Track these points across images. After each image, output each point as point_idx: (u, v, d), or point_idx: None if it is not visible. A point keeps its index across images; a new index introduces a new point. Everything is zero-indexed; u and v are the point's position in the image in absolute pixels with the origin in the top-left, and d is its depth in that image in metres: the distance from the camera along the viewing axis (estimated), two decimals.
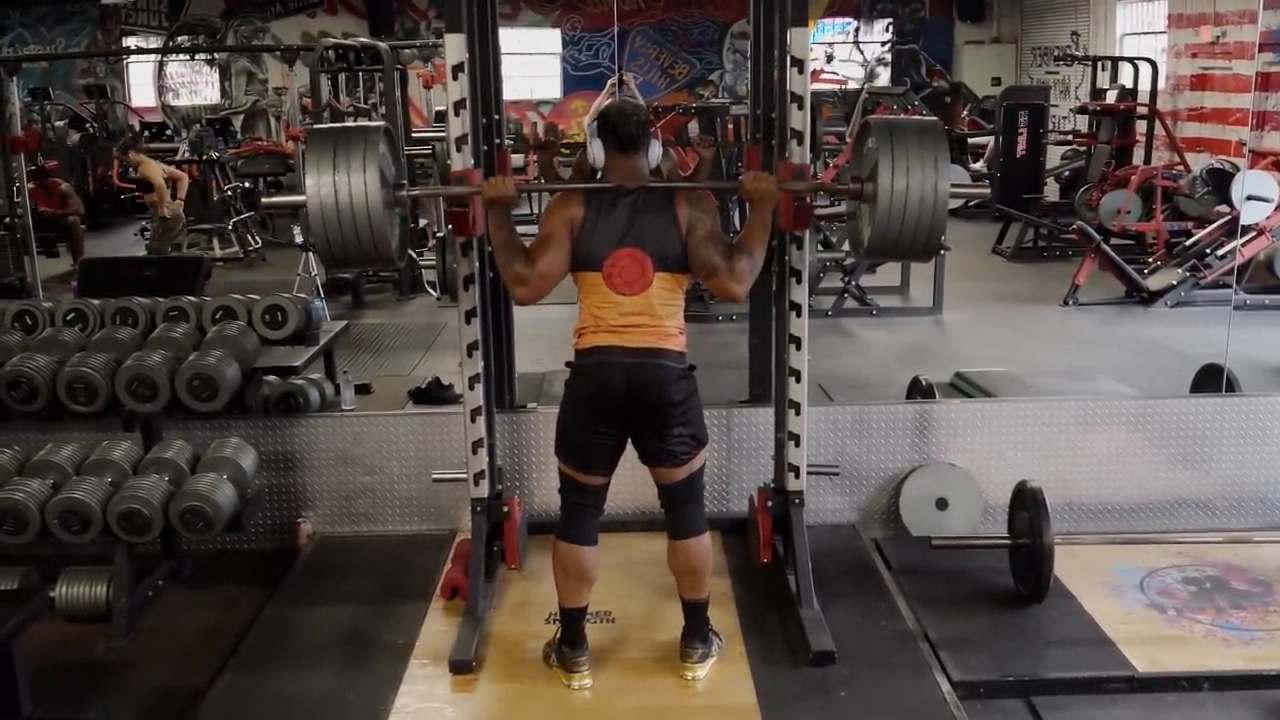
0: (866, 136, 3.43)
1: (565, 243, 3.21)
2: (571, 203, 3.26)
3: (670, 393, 3.18)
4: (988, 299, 9.06)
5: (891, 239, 3.24)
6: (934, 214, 3.18)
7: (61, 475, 3.89)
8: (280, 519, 4.45)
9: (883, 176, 3.19)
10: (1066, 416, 4.51)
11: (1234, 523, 4.47)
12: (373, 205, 3.16)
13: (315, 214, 3.17)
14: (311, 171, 3.17)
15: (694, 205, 3.24)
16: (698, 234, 3.19)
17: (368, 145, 3.19)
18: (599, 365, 3.19)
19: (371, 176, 3.16)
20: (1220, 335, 5.26)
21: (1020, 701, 3.31)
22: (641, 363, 3.16)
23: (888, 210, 3.19)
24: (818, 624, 3.51)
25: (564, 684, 3.29)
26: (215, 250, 10.78)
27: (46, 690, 3.31)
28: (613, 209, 3.21)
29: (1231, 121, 11.80)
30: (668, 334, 3.21)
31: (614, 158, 3.29)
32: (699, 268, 3.20)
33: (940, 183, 3.16)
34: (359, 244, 3.20)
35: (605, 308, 3.20)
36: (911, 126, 3.28)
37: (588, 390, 3.22)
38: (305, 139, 3.41)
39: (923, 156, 3.18)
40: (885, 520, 4.50)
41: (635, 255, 3.18)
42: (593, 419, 3.22)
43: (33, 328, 4.35)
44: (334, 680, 3.38)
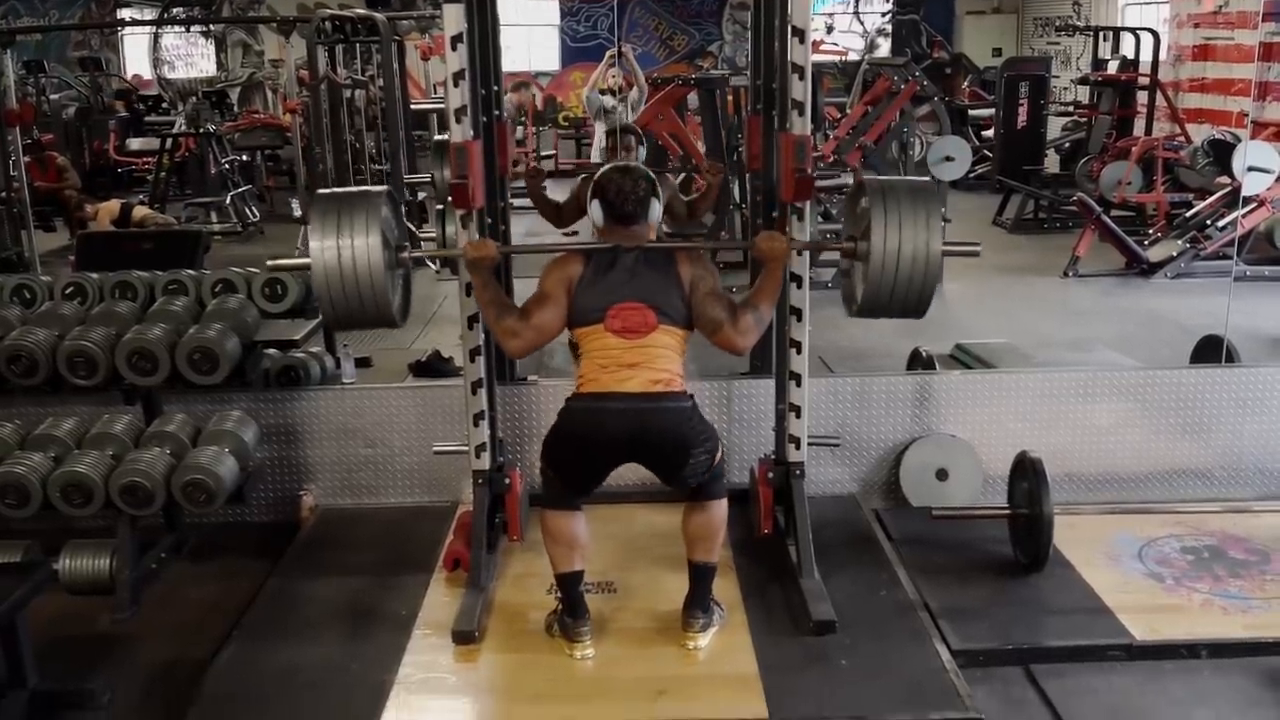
0: (860, 196, 3.45)
1: (562, 300, 3.23)
2: (570, 262, 3.28)
3: (686, 435, 3.18)
4: (988, 270, 9.03)
5: (884, 298, 3.29)
6: (926, 274, 3.23)
7: (63, 449, 3.90)
8: (282, 492, 4.46)
9: (875, 237, 3.22)
10: (1066, 387, 4.52)
11: (1232, 492, 4.49)
12: (375, 268, 3.20)
13: (319, 277, 3.21)
14: (315, 235, 3.21)
15: (695, 264, 3.27)
16: (701, 291, 3.22)
17: (370, 210, 3.23)
18: (595, 411, 3.16)
19: (374, 240, 3.20)
20: (1220, 306, 5.26)
21: (1019, 670, 3.33)
22: (648, 407, 3.14)
23: (880, 269, 3.23)
24: (819, 594, 3.53)
25: (566, 654, 3.31)
26: (213, 224, 10.74)
27: (51, 662, 3.34)
28: (613, 266, 3.24)
29: (1233, 92, 11.74)
30: (672, 377, 3.20)
31: (612, 225, 3.31)
32: (704, 324, 3.23)
33: (932, 242, 3.21)
34: (362, 306, 3.24)
35: (606, 353, 3.18)
36: (904, 187, 3.32)
37: (584, 435, 3.20)
38: (310, 203, 3.46)
39: (915, 217, 3.22)
40: (886, 491, 4.52)
41: (637, 307, 3.19)
42: (589, 459, 3.24)
43: (32, 302, 4.34)
44: (337, 651, 3.40)
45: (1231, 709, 3.13)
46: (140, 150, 12.93)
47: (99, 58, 15.99)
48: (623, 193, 3.26)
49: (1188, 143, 10.42)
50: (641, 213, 3.28)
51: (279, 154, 12.97)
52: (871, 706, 3.05)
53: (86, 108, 13.61)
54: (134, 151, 13.02)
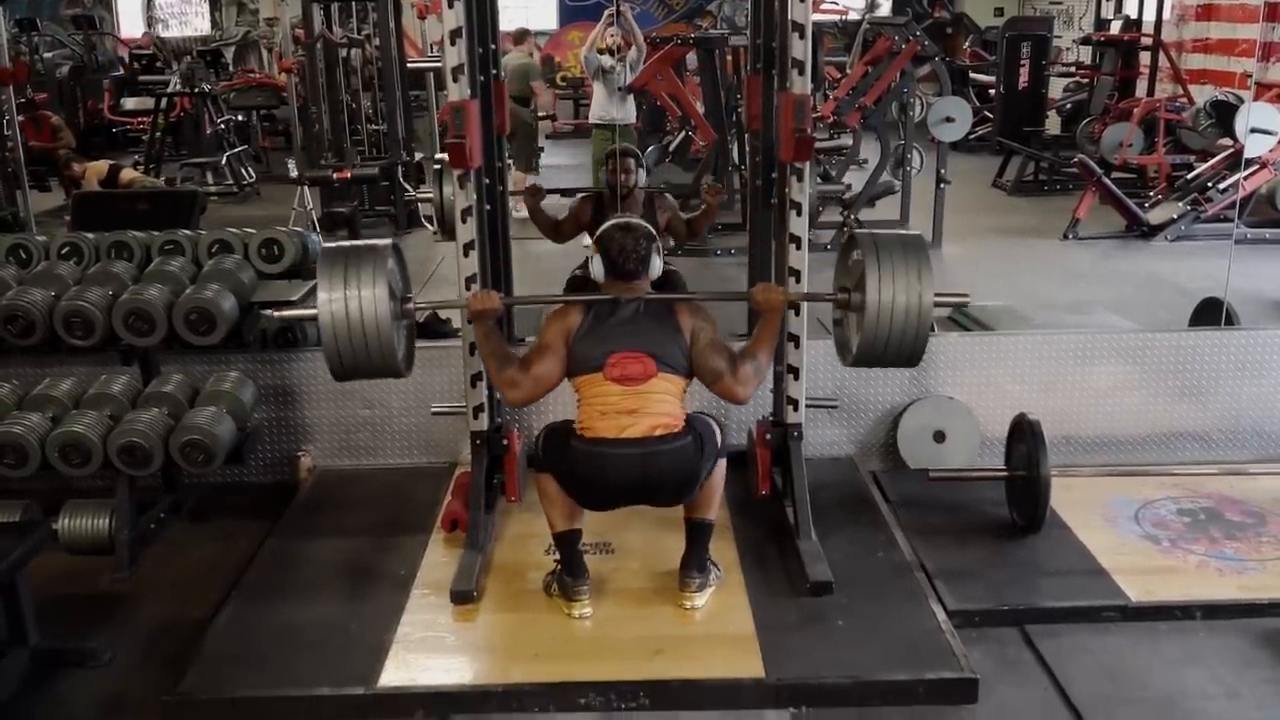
0: (852, 249, 3.49)
1: (561, 350, 3.28)
2: (569, 314, 3.34)
3: (695, 470, 3.25)
4: (987, 233, 9.02)
5: (879, 349, 3.34)
6: (919, 325, 3.29)
7: (61, 409, 3.89)
8: (280, 452, 4.47)
9: (870, 289, 3.27)
10: (1065, 350, 4.52)
11: (1230, 455, 4.50)
12: (382, 320, 3.24)
13: (327, 329, 3.24)
14: (324, 287, 3.25)
15: (695, 315, 3.33)
16: (701, 342, 3.28)
17: (377, 262, 3.26)
18: (601, 458, 3.20)
19: (381, 292, 3.23)
20: (1220, 269, 5.24)
21: (1015, 630, 3.36)
22: (652, 452, 3.19)
23: (875, 321, 3.29)
24: (816, 555, 3.55)
25: (564, 613, 3.33)
26: (209, 184, 10.68)
27: (52, 621, 3.35)
28: (612, 316, 3.29)
29: (1237, 53, 11.66)
30: (673, 420, 3.24)
31: (613, 280, 3.34)
32: (705, 374, 3.29)
33: (925, 296, 3.26)
34: (369, 358, 3.28)
35: (605, 400, 3.23)
36: (895, 241, 3.38)
37: (590, 481, 3.26)
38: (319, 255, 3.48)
39: (907, 269, 3.27)
40: (883, 453, 4.53)
41: (637, 356, 3.24)
42: (598, 500, 3.32)
43: (27, 262, 4.31)
44: (336, 611, 3.42)
45: (1226, 669, 3.15)
46: (135, 110, 12.84)
47: (92, 16, 15.83)
48: (625, 252, 3.31)
49: (1190, 104, 10.36)
50: (643, 270, 3.34)
51: (275, 114, 12.88)
52: (868, 666, 3.07)
53: (80, 66, 13.50)
54: (128, 111, 12.94)
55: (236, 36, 15.63)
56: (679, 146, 10.14)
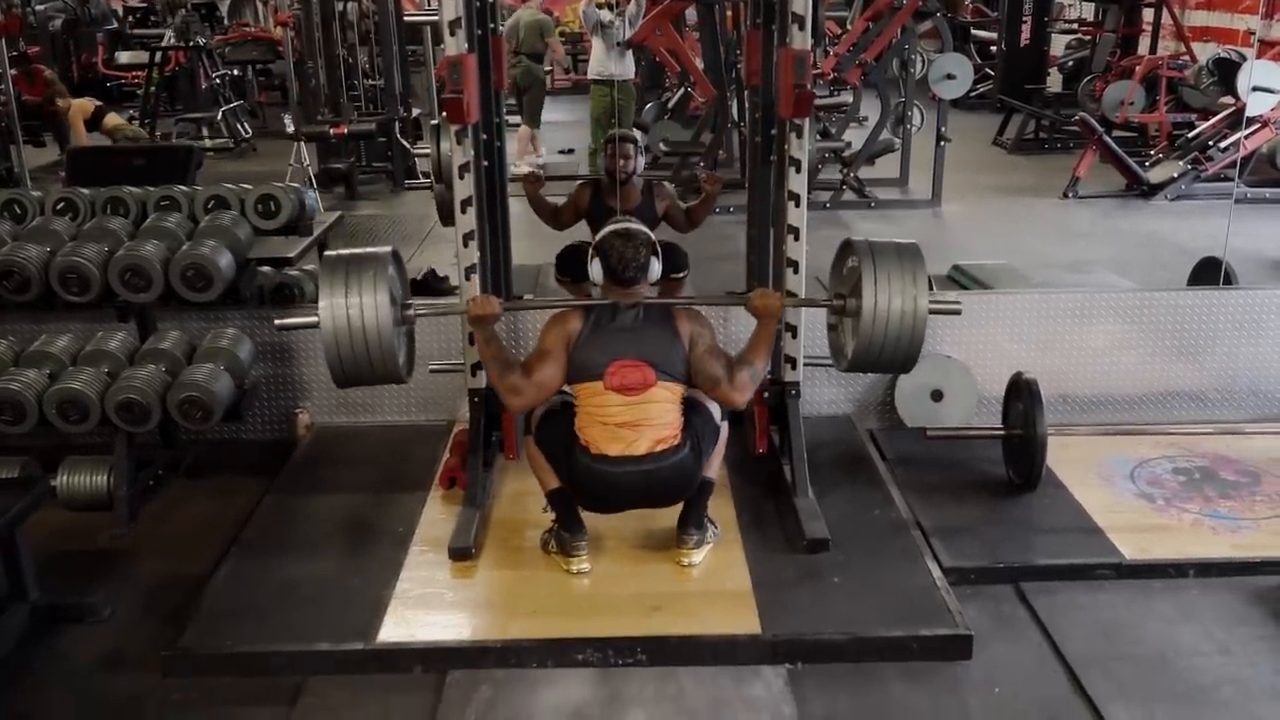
0: (848, 255, 3.49)
1: (562, 357, 3.29)
2: (570, 319, 3.34)
3: (695, 479, 3.32)
4: (987, 191, 8.98)
5: (874, 354, 3.37)
6: (914, 331, 3.31)
7: (58, 366, 3.89)
8: (278, 409, 4.47)
9: (866, 296, 3.28)
10: (1063, 309, 4.52)
11: (1226, 414, 4.52)
12: (383, 327, 3.23)
13: (328, 335, 3.24)
14: (325, 294, 3.24)
15: (693, 321, 3.35)
16: (699, 349, 3.30)
17: (378, 269, 3.25)
18: (605, 475, 3.24)
19: (382, 298, 3.22)
20: (1220, 229, 5.23)
21: (1009, 587, 3.38)
22: (655, 468, 3.24)
23: (870, 327, 3.31)
24: (812, 512, 3.56)
25: (562, 569, 3.35)
26: (205, 140, 10.60)
27: (51, 577, 3.38)
28: (612, 322, 3.30)
29: (1241, 9, 11.53)
30: (673, 432, 3.27)
31: (612, 285, 3.34)
32: (702, 380, 3.31)
33: (920, 303, 3.28)
34: (370, 365, 3.28)
35: (606, 411, 3.25)
36: (891, 248, 3.38)
37: (595, 497, 3.32)
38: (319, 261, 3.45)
39: (903, 275, 3.29)
40: (881, 411, 4.53)
41: (637, 364, 3.25)
42: (601, 508, 3.38)
43: (22, 217, 4.29)
44: (335, 567, 3.43)
45: (1218, 625, 3.17)
46: (129, 64, 12.71)
47: None
48: (624, 260, 3.30)
49: (1193, 62, 10.27)
50: (641, 276, 3.33)
51: (271, 69, 12.76)
52: (863, 623, 3.10)
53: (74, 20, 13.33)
54: (123, 65, 12.80)
55: None
56: (678, 103, 10.06)
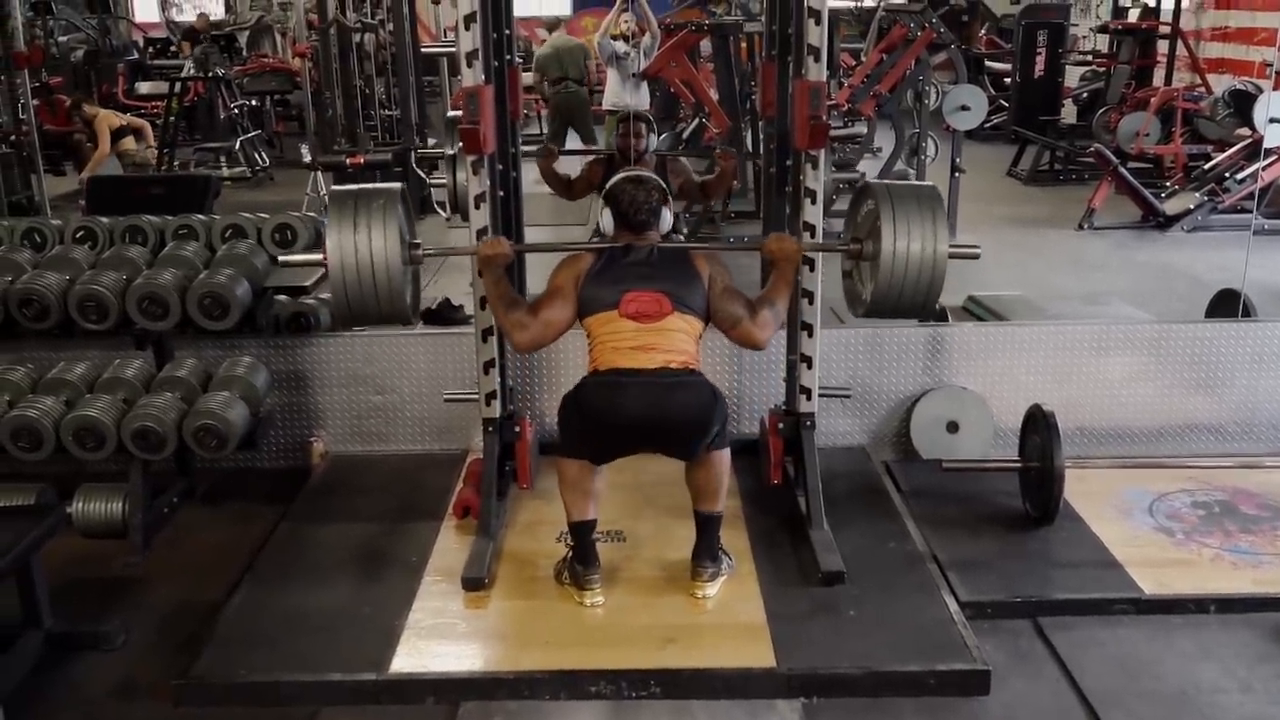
0: (864, 199, 3.47)
1: (571, 295, 3.26)
2: (581, 259, 3.32)
3: (710, 414, 3.21)
4: (1002, 222, 8.97)
5: (893, 299, 3.34)
6: (933, 276, 3.28)
7: (75, 393, 3.90)
8: (293, 438, 4.47)
9: (885, 240, 3.26)
10: (1080, 341, 4.49)
11: (1245, 448, 4.48)
12: (392, 265, 3.20)
13: (335, 273, 3.21)
14: (333, 230, 3.21)
15: (711, 262, 3.33)
16: (719, 287, 3.28)
17: (388, 205, 3.22)
18: (609, 386, 3.17)
19: (391, 237, 3.20)
20: (1237, 260, 5.20)
21: (1027, 622, 3.34)
22: (669, 384, 3.15)
23: (890, 272, 3.28)
24: (827, 544, 3.54)
25: (576, 601, 3.33)
26: (223, 169, 10.69)
27: (65, 604, 3.37)
28: (626, 259, 3.27)
29: (1256, 41, 11.54)
30: (689, 358, 3.21)
31: (623, 232, 3.32)
32: (723, 319, 3.29)
33: (939, 246, 3.26)
34: (377, 304, 3.25)
35: (621, 335, 3.20)
36: (909, 191, 3.36)
37: (602, 412, 3.19)
38: (327, 199, 3.44)
39: (922, 220, 3.26)
40: (896, 443, 4.51)
41: (653, 294, 3.21)
42: (607, 440, 3.25)
43: (42, 246, 4.32)
44: (348, 596, 3.42)
45: (1239, 663, 3.13)
46: (149, 94, 12.85)
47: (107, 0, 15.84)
48: (635, 204, 3.29)
49: (1208, 93, 10.28)
50: (653, 222, 3.32)
51: (288, 99, 12.87)
52: (879, 657, 3.06)
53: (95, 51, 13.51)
54: (143, 95, 12.94)
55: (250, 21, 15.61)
56: (693, 133, 10.11)
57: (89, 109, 9.64)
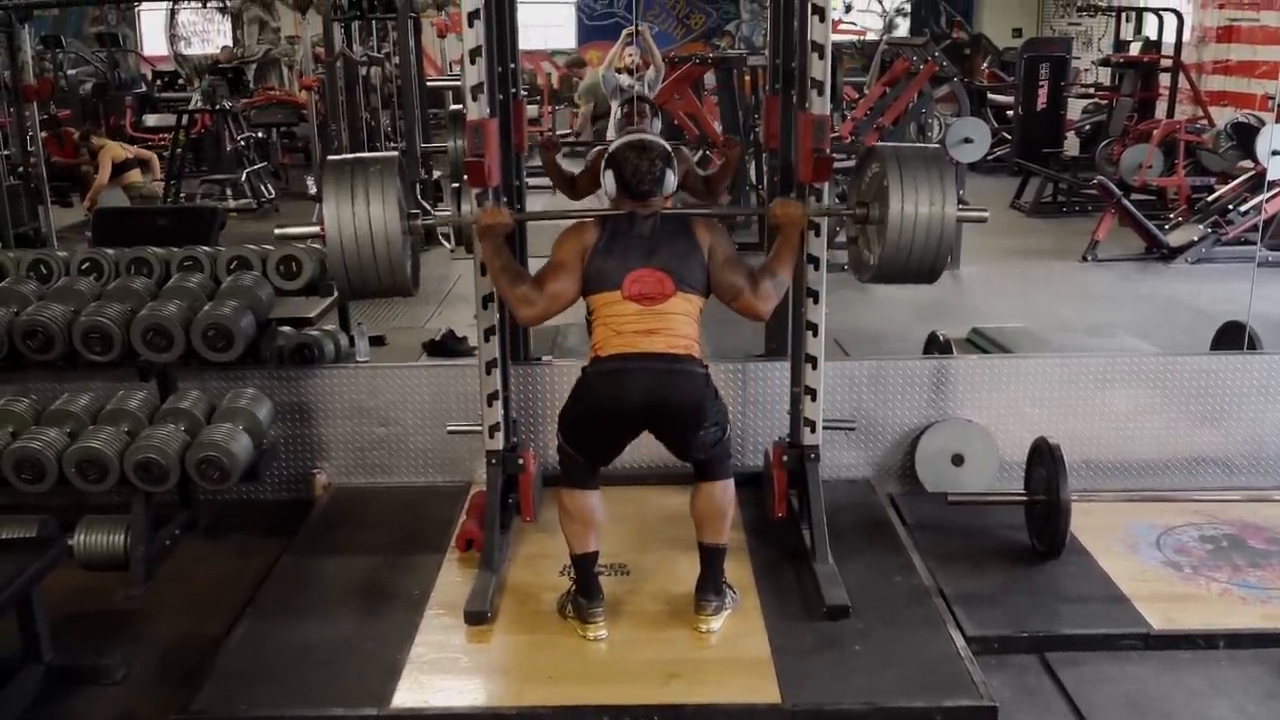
0: (870, 162, 3.45)
1: (576, 268, 3.22)
2: (585, 230, 3.26)
3: (704, 405, 3.19)
4: (1006, 254, 8.98)
5: (900, 263, 3.32)
6: (941, 239, 3.26)
7: (78, 424, 3.90)
8: (296, 470, 4.46)
9: (893, 203, 3.24)
10: (1085, 373, 4.48)
11: (1253, 481, 4.45)
12: (391, 234, 3.17)
13: (334, 244, 3.17)
14: (330, 201, 3.17)
15: (712, 231, 3.28)
16: (719, 258, 3.23)
17: (386, 175, 3.19)
18: (616, 374, 3.15)
19: (390, 205, 3.17)
20: (1242, 292, 5.20)
21: (1034, 657, 3.31)
22: (667, 369, 3.13)
23: (897, 235, 3.26)
24: (832, 578, 3.51)
25: (579, 635, 3.30)
26: (229, 201, 10.74)
27: (66, 637, 3.35)
28: (630, 233, 3.22)
29: (1258, 74, 11.60)
30: (689, 342, 3.20)
31: (625, 199, 3.29)
32: (724, 291, 3.24)
33: (947, 209, 3.23)
34: (377, 274, 3.21)
35: (624, 319, 3.17)
36: (917, 154, 3.34)
37: (603, 401, 3.17)
38: (322, 168, 3.41)
39: (930, 181, 3.24)
40: (901, 476, 4.49)
41: (655, 273, 3.18)
42: (606, 430, 3.24)
43: (48, 277, 4.34)
44: (350, 629, 3.40)
45: (1249, 700, 3.09)
46: (156, 126, 12.94)
47: (116, 33, 15.98)
48: (639, 173, 3.23)
49: (1210, 126, 10.32)
50: (657, 190, 3.27)
51: (294, 131, 12.95)
52: (885, 693, 3.04)
53: (103, 83, 13.62)
54: (150, 128, 13.03)
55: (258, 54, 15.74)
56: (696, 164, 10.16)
57: (96, 140, 9.72)
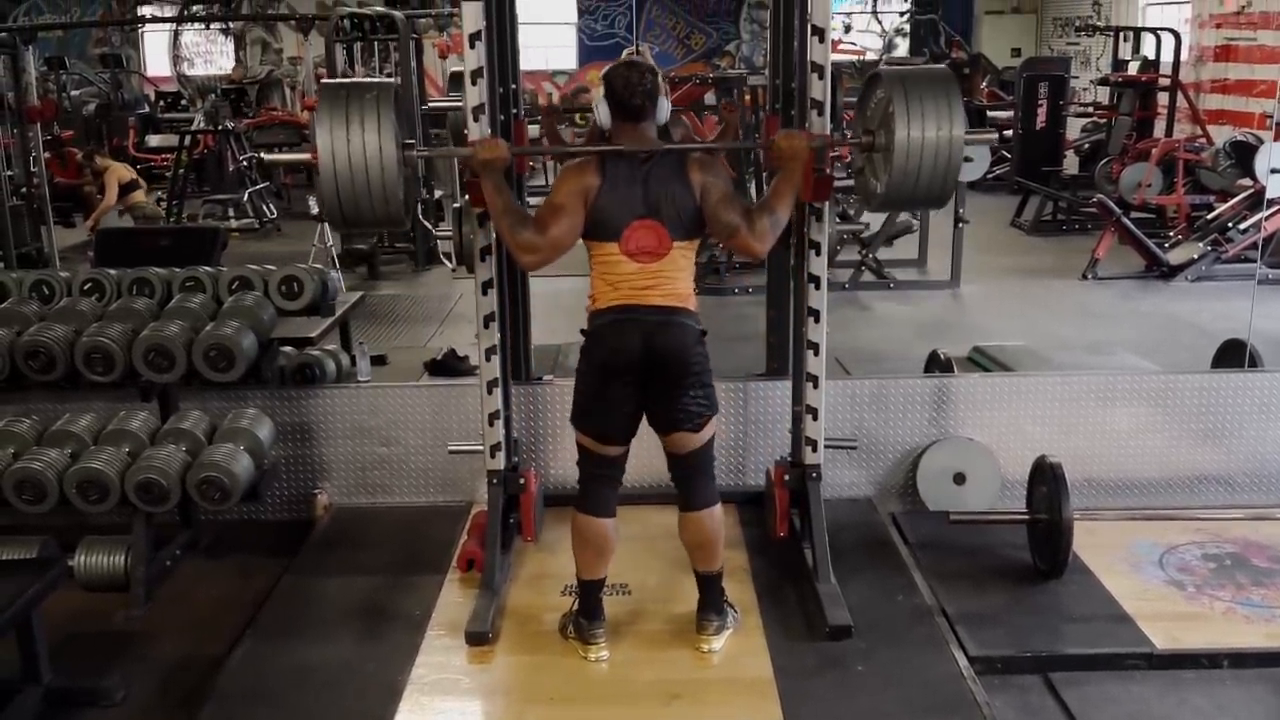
0: (875, 88, 3.41)
1: (579, 211, 3.18)
2: (585, 172, 3.21)
3: (691, 355, 3.18)
4: (1006, 272, 9.00)
5: (909, 188, 3.26)
6: (949, 161, 3.20)
7: (80, 445, 3.90)
8: (297, 490, 4.46)
9: (899, 127, 3.19)
10: (1086, 391, 4.48)
11: (1255, 499, 4.44)
12: (386, 161, 3.11)
13: (326, 169, 3.11)
14: (323, 127, 3.11)
15: (706, 170, 3.22)
16: (713, 197, 3.18)
17: (382, 100, 3.13)
18: (617, 324, 3.16)
19: (386, 132, 3.12)
20: (1242, 310, 5.20)
21: (1038, 678, 3.30)
22: (663, 320, 3.14)
23: (905, 159, 3.20)
24: (834, 598, 3.51)
25: (581, 656, 3.29)
26: (231, 221, 10.77)
27: (66, 659, 3.34)
28: (629, 179, 3.18)
29: (1256, 93, 11.64)
30: (684, 295, 3.21)
31: (620, 124, 3.26)
32: (719, 230, 3.21)
33: (955, 130, 3.18)
34: (371, 201, 3.15)
35: (621, 276, 3.18)
36: (923, 75, 3.28)
37: (606, 352, 3.19)
38: (318, 93, 3.36)
39: (937, 105, 3.19)
40: (903, 495, 4.48)
41: (653, 226, 3.16)
42: (610, 383, 3.20)
43: (50, 297, 4.34)
44: (351, 651, 3.39)
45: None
46: (159, 147, 12.99)
47: (119, 54, 16.06)
48: (630, 85, 3.20)
49: (1209, 144, 10.34)
50: (650, 106, 3.23)
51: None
52: (888, 713, 3.03)
53: (106, 104, 13.68)
54: (153, 148, 13.08)
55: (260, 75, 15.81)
56: None
57: (100, 161, 9.76)
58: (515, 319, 4.20)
